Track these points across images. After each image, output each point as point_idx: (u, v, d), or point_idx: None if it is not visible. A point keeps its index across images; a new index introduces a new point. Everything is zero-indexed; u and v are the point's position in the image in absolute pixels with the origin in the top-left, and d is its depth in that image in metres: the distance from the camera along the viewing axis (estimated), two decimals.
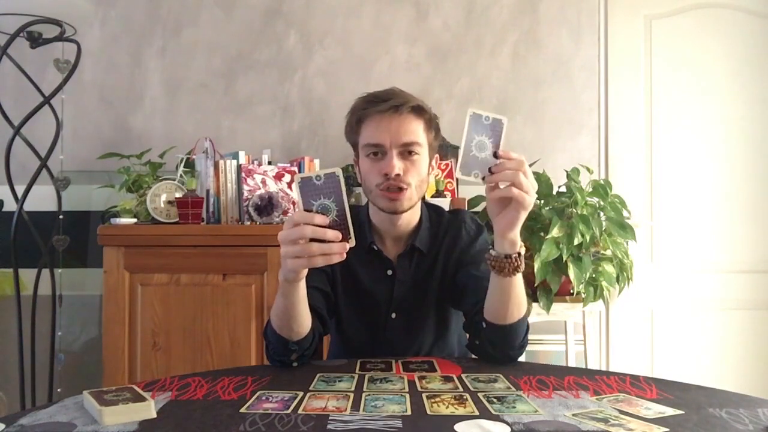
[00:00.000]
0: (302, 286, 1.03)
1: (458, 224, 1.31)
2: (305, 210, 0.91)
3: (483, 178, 0.99)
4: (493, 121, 0.98)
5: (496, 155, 0.99)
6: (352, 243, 0.93)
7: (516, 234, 1.02)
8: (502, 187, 0.99)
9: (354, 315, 1.28)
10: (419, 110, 1.18)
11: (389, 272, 1.26)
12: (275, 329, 1.08)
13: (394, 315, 1.27)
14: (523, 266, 1.05)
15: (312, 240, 0.91)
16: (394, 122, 1.15)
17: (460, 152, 0.99)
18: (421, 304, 1.28)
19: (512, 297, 1.07)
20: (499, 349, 1.11)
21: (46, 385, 2.11)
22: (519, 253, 1.03)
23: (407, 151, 1.16)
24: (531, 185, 0.98)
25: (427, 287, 1.27)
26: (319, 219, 0.91)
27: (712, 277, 2.49)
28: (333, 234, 0.91)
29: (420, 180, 1.19)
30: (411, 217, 1.25)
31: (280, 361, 1.11)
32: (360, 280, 1.27)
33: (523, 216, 1.00)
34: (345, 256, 0.92)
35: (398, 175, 1.14)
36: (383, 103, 1.16)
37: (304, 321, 1.08)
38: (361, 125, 1.19)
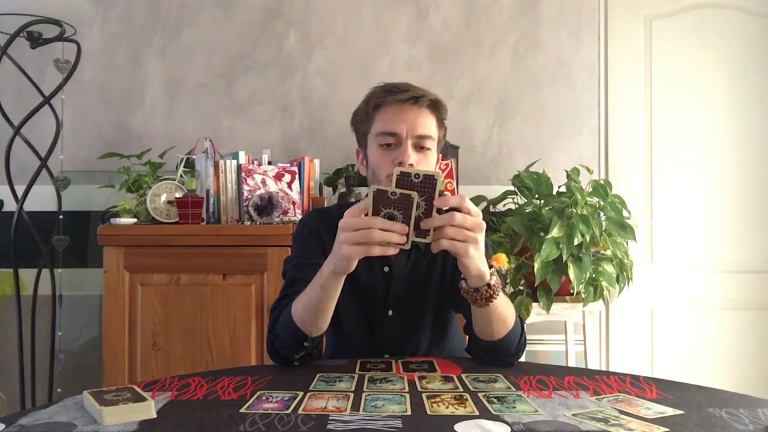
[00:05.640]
0: (342, 281, 1.04)
1: None
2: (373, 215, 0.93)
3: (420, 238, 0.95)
4: (424, 178, 0.94)
5: (429, 213, 0.94)
6: (408, 246, 0.94)
7: (478, 269, 0.99)
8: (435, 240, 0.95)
9: (352, 311, 1.28)
10: (436, 105, 1.19)
11: (386, 269, 1.26)
12: (297, 324, 1.08)
13: (390, 312, 1.27)
14: (498, 293, 1.02)
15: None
16: (411, 113, 1.16)
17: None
18: (418, 302, 1.27)
19: (493, 318, 1.07)
20: (495, 357, 1.12)
21: (46, 385, 2.11)
22: (488, 284, 1.01)
23: (420, 145, 1.16)
24: (467, 233, 0.95)
25: (425, 285, 1.27)
26: (384, 220, 0.92)
27: (712, 277, 2.49)
28: (400, 227, 0.92)
29: None
30: None
31: (283, 358, 1.11)
32: (358, 275, 1.26)
33: (473, 257, 0.97)
34: (398, 251, 0.93)
35: (411, 165, 1.13)
36: (402, 93, 1.16)
37: (330, 316, 1.09)
38: (377, 113, 1.18)
